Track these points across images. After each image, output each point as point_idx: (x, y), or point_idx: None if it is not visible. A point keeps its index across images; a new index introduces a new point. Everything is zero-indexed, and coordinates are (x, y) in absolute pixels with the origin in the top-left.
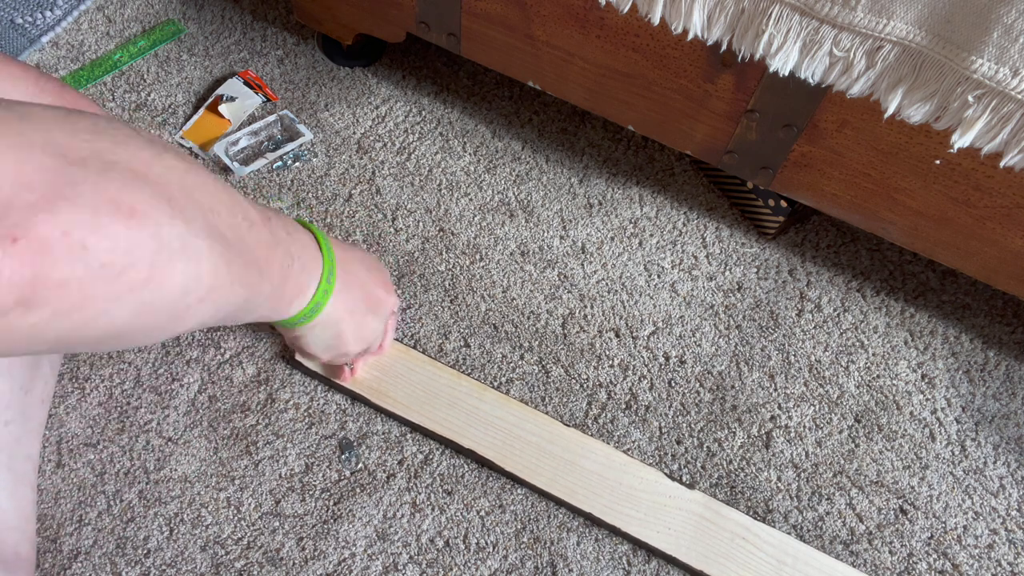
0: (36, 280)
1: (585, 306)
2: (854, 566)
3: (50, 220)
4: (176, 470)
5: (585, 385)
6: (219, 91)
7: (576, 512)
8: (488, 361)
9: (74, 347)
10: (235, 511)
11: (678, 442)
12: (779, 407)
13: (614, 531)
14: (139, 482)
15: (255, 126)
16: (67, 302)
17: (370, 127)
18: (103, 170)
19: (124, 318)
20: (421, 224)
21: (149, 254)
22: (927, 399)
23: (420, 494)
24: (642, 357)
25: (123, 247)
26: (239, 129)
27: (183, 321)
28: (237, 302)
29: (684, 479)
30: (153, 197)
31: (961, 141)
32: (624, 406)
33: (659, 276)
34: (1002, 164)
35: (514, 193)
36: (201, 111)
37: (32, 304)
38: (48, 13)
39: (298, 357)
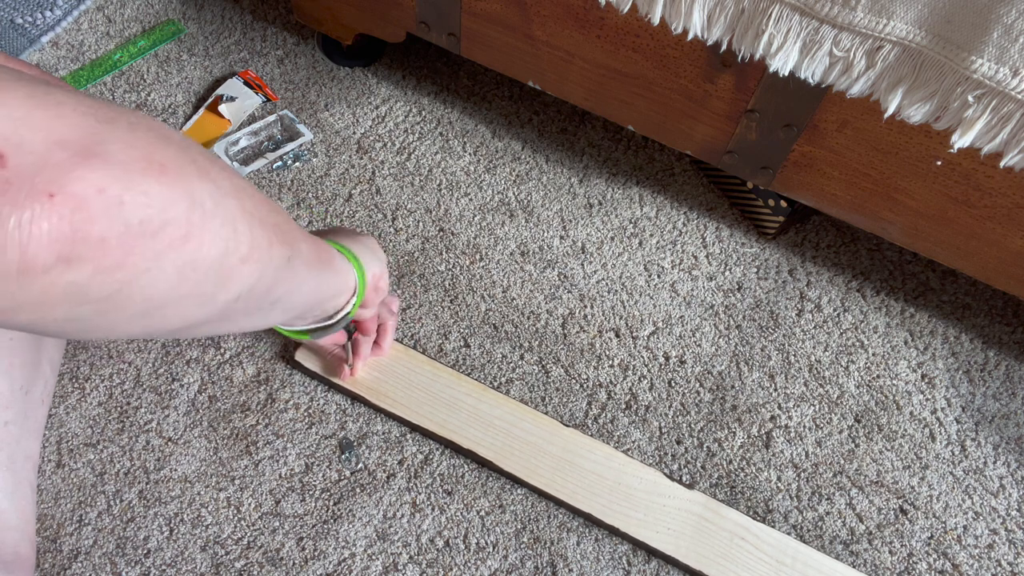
0: (76, 236)
1: (585, 306)
2: (854, 566)
3: (85, 177)
4: (176, 470)
5: (585, 385)
6: (219, 91)
7: (576, 512)
8: (488, 361)
9: (114, 317)
10: (235, 511)
11: (678, 442)
12: (779, 407)
13: (614, 531)
14: (139, 482)
15: (255, 126)
16: (108, 259)
17: (370, 127)
18: (131, 128)
19: (167, 281)
20: (421, 224)
21: (184, 211)
22: (927, 399)
23: (420, 494)
24: (642, 357)
25: (158, 203)
26: (239, 129)
27: (228, 285)
28: (279, 263)
29: (684, 479)
30: (180, 156)
31: (961, 141)
32: (624, 406)
33: (659, 276)
34: (1002, 164)
35: (514, 193)
36: (201, 111)
37: (73, 261)
38: (48, 13)
39: (298, 357)
